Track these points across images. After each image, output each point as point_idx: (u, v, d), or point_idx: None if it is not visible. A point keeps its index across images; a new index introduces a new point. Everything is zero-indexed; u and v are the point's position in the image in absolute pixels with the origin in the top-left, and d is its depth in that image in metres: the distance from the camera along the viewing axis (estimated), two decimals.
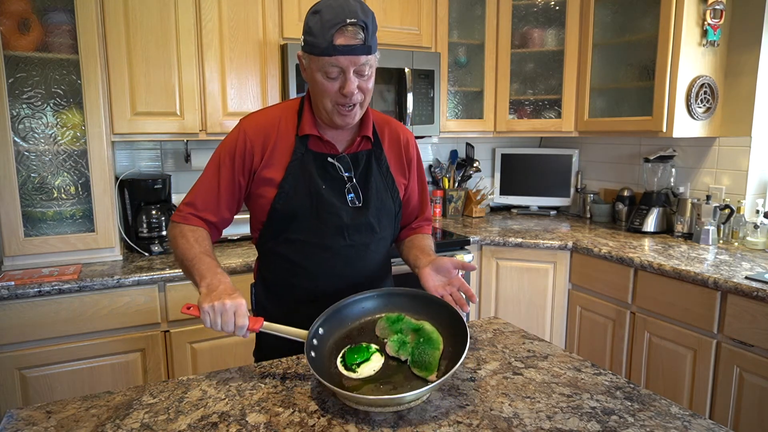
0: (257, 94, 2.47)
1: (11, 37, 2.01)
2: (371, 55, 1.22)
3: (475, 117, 3.16)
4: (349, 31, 1.17)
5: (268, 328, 1.18)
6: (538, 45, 3.09)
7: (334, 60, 1.19)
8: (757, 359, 1.89)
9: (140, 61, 2.23)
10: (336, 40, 1.17)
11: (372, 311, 1.24)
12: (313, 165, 1.32)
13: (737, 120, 2.57)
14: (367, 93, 1.27)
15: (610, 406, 1.07)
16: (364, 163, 1.37)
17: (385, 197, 1.39)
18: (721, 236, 2.54)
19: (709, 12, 2.44)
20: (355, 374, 1.09)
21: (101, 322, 2.03)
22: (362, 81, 1.24)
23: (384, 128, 1.44)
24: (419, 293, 1.26)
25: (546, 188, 3.41)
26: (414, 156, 1.49)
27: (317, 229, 1.33)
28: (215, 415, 1.04)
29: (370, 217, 1.35)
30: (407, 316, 1.21)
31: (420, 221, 1.56)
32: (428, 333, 1.16)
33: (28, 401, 1.96)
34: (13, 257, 2.10)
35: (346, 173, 1.35)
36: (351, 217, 1.34)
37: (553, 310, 2.72)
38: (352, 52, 1.18)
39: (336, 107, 1.26)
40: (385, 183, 1.40)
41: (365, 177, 1.36)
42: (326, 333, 1.19)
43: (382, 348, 1.15)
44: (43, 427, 1.00)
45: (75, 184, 2.22)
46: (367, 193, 1.36)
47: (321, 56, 1.20)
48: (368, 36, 1.19)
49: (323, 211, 1.32)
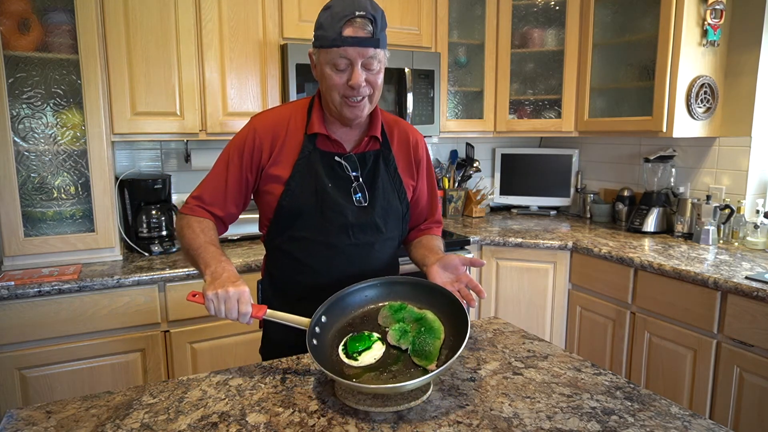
0: (257, 94, 2.47)
1: (11, 37, 2.01)
2: (380, 50, 1.24)
3: (475, 117, 3.16)
4: (358, 22, 1.20)
5: (271, 316, 1.18)
6: (538, 45, 3.09)
7: (343, 51, 1.21)
8: (757, 359, 1.89)
9: (140, 61, 2.23)
10: (344, 31, 1.19)
11: (375, 299, 1.25)
12: (320, 163, 1.33)
13: (737, 120, 2.57)
14: (376, 87, 1.29)
15: (610, 406, 1.07)
16: (372, 163, 1.38)
17: (392, 198, 1.40)
18: (721, 236, 2.54)
19: (709, 12, 2.44)
20: (356, 362, 1.10)
21: (101, 322, 2.03)
22: (370, 75, 1.26)
23: (393, 129, 1.45)
24: (422, 282, 1.26)
25: (546, 188, 3.41)
26: (423, 157, 1.50)
27: (322, 227, 1.34)
28: (215, 415, 1.04)
29: (375, 216, 1.36)
30: (410, 305, 1.21)
31: (429, 223, 1.55)
32: (430, 322, 1.16)
33: (28, 401, 1.96)
34: (13, 257, 2.10)
35: (353, 172, 1.35)
36: (356, 216, 1.35)
37: (553, 310, 2.72)
38: (360, 44, 1.20)
39: (344, 100, 1.27)
40: (392, 183, 1.40)
41: (372, 177, 1.37)
42: (329, 321, 1.19)
43: (383, 336, 1.16)
44: (43, 427, 1.00)
45: (75, 184, 2.22)
46: (374, 192, 1.36)
47: (330, 48, 1.21)
48: (377, 29, 1.21)
49: (328, 210, 1.33)
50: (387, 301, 1.24)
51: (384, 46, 1.26)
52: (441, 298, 1.21)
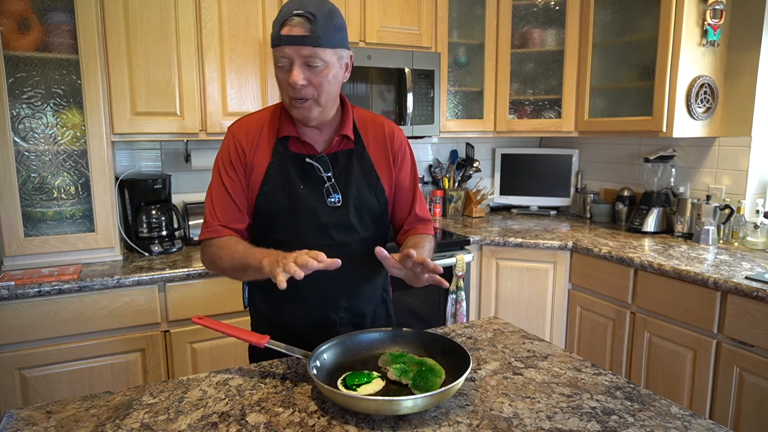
0: (257, 94, 2.47)
1: (11, 37, 2.01)
2: (322, 49, 1.22)
3: (475, 117, 3.16)
4: (295, 21, 1.21)
5: (273, 345, 1.19)
6: (538, 45, 3.09)
7: (280, 50, 1.23)
8: (757, 359, 1.89)
9: (140, 61, 2.23)
10: (282, 30, 1.22)
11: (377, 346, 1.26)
12: (292, 166, 1.34)
13: (737, 120, 2.57)
14: (320, 89, 1.26)
15: (610, 406, 1.07)
16: (345, 163, 1.37)
17: (368, 196, 1.38)
18: (721, 236, 2.54)
19: (709, 12, 2.44)
20: (355, 393, 1.09)
21: (101, 322, 2.03)
22: (313, 75, 1.24)
23: (368, 126, 1.43)
24: (424, 332, 1.28)
25: (546, 188, 3.41)
26: (400, 148, 1.45)
27: (297, 229, 1.35)
28: (215, 415, 1.04)
29: (350, 216, 1.36)
30: (411, 354, 1.23)
31: (412, 221, 1.50)
32: (431, 365, 1.17)
33: (28, 401, 1.96)
34: (13, 257, 2.10)
35: (326, 173, 1.35)
36: (330, 216, 1.35)
37: (553, 310, 2.72)
38: (295, 42, 1.21)
39: (292, 101, 1.28)
40: (368, 182, 1.39)
41: (345, 176, 1.37)
42: (329, 359, 1.20)
43: (383, 376, 1.16)
44: (43, 427, 1.00)
45: (75, 184, 2.22)
46: (347, 192, 1.36)
47: (273, 48, 1.24)
48: (317, 28, 1.20)
49: (301, 212, 1.34)
50: (388, 349, 1.25)
51: (331, 45, 1.24)
52: (443, 345, 1.21)
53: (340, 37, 1.26)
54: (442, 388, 1.03)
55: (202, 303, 2.15)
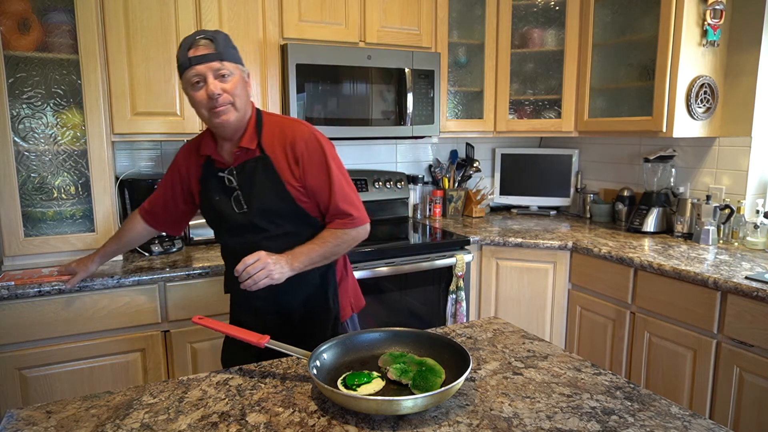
0: (257, 94, 2.47)
1: (11, 37, 2.01)
2: (228, 63, 1.44)
3: (475, 117, 3.16)
4: (201, 43, 1.42)
5: (273, 345, 1.22)
6: (538, 45, 3.09)
7: (193, 70, 1.41)
8: (757, 359, 1.89)
9: (140, 61, 2.23)
10: (190, 53, 1.42)
11: (377, 346, 1.28)
12: (212, 179, 1.57)
13: (737, 120, 2.57)
14: (235, 95, 1.45)
15: (610, 406, 1.07)
16: (250, 171, 1.52)
17: (272, 199, 1.51)
18: (721, 236, 2.54)
19: (709, 12, 2.44)
20: (355, 393, 1.09)
21: (101, 322, 2.03)
22: (225, 83, 1.44)
23: (275, 132, 1.54)
24: (424, 332, 1.29)
25: (546, 188, 3.41)
26: (303, 153, 1.51)
27: (221, 235, 1.63)
28: (215, 415, 1.04)
29: (254, 218, 1.52)
30: (411, 354, 1.24)
31: (332, 216, 1.55)
32: (431, 365, 1.17)
33: (28, 401, 1.96)
34: (13, 257, 2.10)
35: (236, 183, 1.53)
36: (238, 220, 1.54)
37: (553, 310, 2.72)
38: (204, 60, 1.41)
39: (211, 112, 1.45)
40: (272, 186, 1.51)
41: (250, 184, 1.52)
42: (329, 359, 1.21)
43: (383, 375, 1.16)
44: (43, 427, 1.00)
45: (75, 184, 2.22)
46: (251, 198, 1.52)
47: (185, 72, 1.43)
48: (219, 46, 1.43)
49: (219, 219, 1.58)
50: (388, 349, 1.27)
51: (232, 60, 1.46)
52: (442, 347, 1.22)
53: (237, 55, 1.49)
54: (442, 388, 1.03)
55: (202, 303, 2.15)
